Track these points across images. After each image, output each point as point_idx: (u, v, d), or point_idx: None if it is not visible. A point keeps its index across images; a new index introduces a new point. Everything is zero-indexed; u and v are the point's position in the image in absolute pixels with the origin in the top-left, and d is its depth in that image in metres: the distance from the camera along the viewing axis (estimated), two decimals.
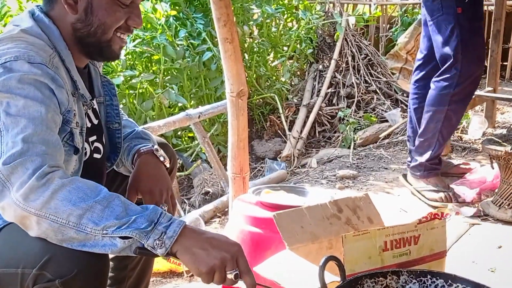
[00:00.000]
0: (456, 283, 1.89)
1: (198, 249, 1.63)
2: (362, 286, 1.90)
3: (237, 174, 3.12)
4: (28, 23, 1.88)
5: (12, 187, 1.60)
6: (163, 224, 1.62)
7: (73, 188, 1.61)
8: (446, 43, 3.61)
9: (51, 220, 1.59)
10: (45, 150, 1.65)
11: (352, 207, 2.60)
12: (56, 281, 1.64)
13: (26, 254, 1.68)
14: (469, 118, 5.09)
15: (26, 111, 1.68)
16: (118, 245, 1.59)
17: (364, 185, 4.09)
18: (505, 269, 2.96)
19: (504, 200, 3.50)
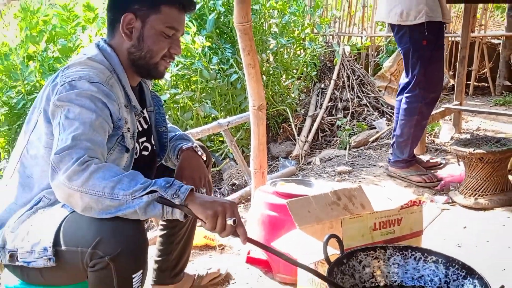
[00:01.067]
0: (430, 256, 1.89)
1: (205, 200, 1.67)
2: (357, 258, 1.90)
3: (257, 170, 3.13)
4: (93, 52, 1.93)
5: (60, 171, 1.65)
6: (177, 185, 1.66)
7: (105, 169, 1.65)
8: (413, 68, 3.64)
9: (90, 194, 1.62)
10: (89, 146, 1.70)
11: (348, 196, 2.61)
12: (105, 258, 1.67)
13: (83, 236, 1.70)
14: (440, 125, 5.07)
15: (80, 117, 1.73)
16: (144, 199, 1.62)
17: (357, 178, 4.08)
18: (469, 245, 2.96)
19: (468, 190, 3.49)
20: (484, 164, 3.41)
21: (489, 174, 3.43)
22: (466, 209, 3.43)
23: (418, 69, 3.61)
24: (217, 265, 2.71)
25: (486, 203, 3.40)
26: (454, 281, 1.82)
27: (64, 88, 1.77)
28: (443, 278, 1.84)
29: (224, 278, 2.66)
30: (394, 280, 1.90)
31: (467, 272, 1.79)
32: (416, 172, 3.87)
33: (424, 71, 3.60)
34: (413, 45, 3.58)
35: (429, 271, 1.87)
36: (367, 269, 1.90)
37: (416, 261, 1.89)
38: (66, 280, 1.90)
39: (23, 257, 1.81)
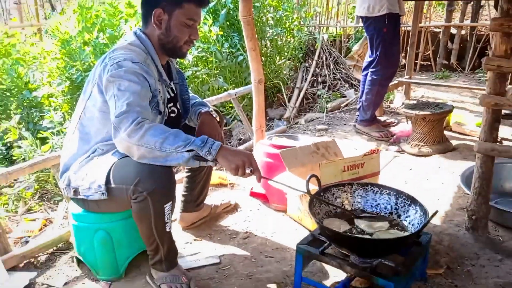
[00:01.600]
0: (385, 189, 1.91)
1: (230, 155, 1.67)
2: (331, 191, 1.93)
3: (258, 128, 3.13)
4: (132, 38, 1.91)
5: (121, 130, 1.66)
6: (209, 143, 1.66)
7: (155, 128, 1.66)
8: (376, 49, 3.61)
9: (145, 146, 1.64)
10: (140, 110, 1.70)
11: (325, 147, 2.62)
12: (144, 193, 1.70)
13: (127, 177, 1.73)
14: (394, 94, 5.03)
15: (130, 89, 1.72)
16: (185, 156, 1.64)
17: (332, 134, 4.08)
18: (413, 181, 2.97)
19: (414, 142, 3.49)
20: (426, 123, 3.40)
21: (429, 130, 3.42)
22: (412, 156, 3.43)
23: (380, 50, 3.59)
24: (228, 198, 2.73)
25: (427, 151, 3.41)
26: (402, 207, 1.85)
27: (114, 67, 1.76)
28: (394, 206, 1.87)
29: (234, 207, 2.69)
30: (358, 207, 1.93)
31: (412, 201, 1.82)
32: (376, 129, 3.87)
33: (384, 52, 3.58)
34: (376, 32, 3.55)
35: (384, 200, 1.90)
36: (338, 200, 1.93)
37: (374, 194, 1.92)
38: (116, 208, 1.94)
39: (83, 192, 1.84)
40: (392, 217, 1.85)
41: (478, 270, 2.01)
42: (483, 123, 2.13)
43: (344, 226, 1.78)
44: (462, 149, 3.49)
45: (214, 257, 2.18)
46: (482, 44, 6.17)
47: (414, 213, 1.77)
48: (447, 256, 2.11)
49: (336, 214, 1.87)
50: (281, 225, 2.48)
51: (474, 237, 2.25)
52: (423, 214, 1.72)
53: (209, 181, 2.45)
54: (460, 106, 4.69)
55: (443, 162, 3.26)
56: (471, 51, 6.24)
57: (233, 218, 2.57)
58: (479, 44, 6.18)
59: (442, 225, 2.39)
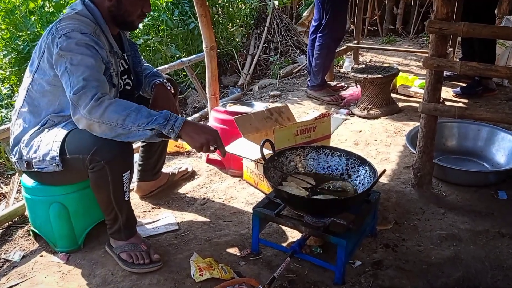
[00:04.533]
0: (336, 152, 1.94)
1: (194, 133, 1.63)
2: (284, 155, 1.94)
3: (212, 95, 3.08)
4: (80, 7, 1.80)
5: (80, 107, 1.58)
6: (172, 120, 1.61)
7: (117, 105, 1.59)
8: (326, 14, 3.62)
9: (106, 123, 1.58)
10: (98, 84, 1.62)
11: (278, 112, 2.63)
12: (102, 162, 1.66)
13: (84, 146, 1.68)
14: (343, 59, 5.07)
15: (83, 62, 1.64)
16: (148, 134, 1.60)
17: (285, 99, 4.09)
18: (363, 143, 3.03)
19: (363, 105, 3.55)
20: (374, 86, 3.45)
21: (377, 93, 3.48)
22: (361, 118, 3.50)
23: (329, 14, 3.60)
24: (185, 165, 2.70)
25: (375, 113, 3.48)
26: (352, 168, 1.89)
27: (62, 40, 1.66)
28: (345, 167, 1.91)
29: (191, 174, 2.67)
30: (311, 169, 1.95)
31: (361, 161, 1.86)
32: (327, 93, 3.90)
33: (333, 16, 3.60)
34: None
35: (335, 162, 1.93)
36: (292, 163, 1.94)
37: (326, 156, 1.95)
38: (71, 179, 1.88)
39: (37, 164, 1.77)
40: (343, 177, 1.89)
41: (424, 224, 2.11)
42: (426, 85, 2.18)
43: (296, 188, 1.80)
44: (407, 110, 3.58)
45: (173, 224, 2.16)
46: (425, 9, 6.29)
47: (363, 173, 1.81)
48: (395, 212, 2.19)
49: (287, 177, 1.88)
50: (238, 190, 2.49)
51: (419, 193, 2.34)
52: (372, 174, 1.76)
53: (165, 150, 2.41)
54: (405, 69, 4.80)
55: (390, 124, 3.34)
56: (415, 16, 6.35)
57: (190, 185, 2.56)
58: (423, 8, 6.30)
59: (390, 183, 2.47)
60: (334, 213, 1.72)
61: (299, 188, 1.79)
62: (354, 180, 1.85)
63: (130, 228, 1.90)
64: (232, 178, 2.63)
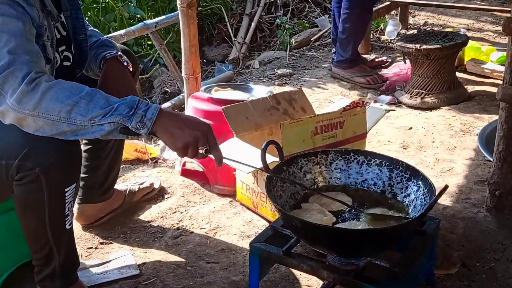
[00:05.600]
0: (374, 159, 1.94)
1: (175, 128, 1.63)
2: (297, 164, 1.94)
3: (190, 75, 3.08)
4: None
5: (7, 94, 1.58)
6: (142, 109, 1.61)
7: (59, 89, 1.58)
8: None
9: (44, 118, 1.57)
10: (29, 59, 1.61)
11: (288, 100, 2.62)
12: (36, 169, 1.65)
13: (9, 147, 1.66)
14: (385, 21, 5.08)
15: (6, 27, 1.63)
16: (106, 129, 1.59)
17: (299, 81, 4.09)
18: (414, 146, 3.04)
19: (414, 89, 3.55)
20: (430, 61, 3.45)
21: (435, 72, 3.48)
22: (412, 109, 3.50)
23: None
24: (150, 179, 2.70)
25: (433, 101, 3.48)
26: (398, 183, 1.88)
27: None
28: (387, 181, 1.90)
29: (158, 193, 2.66)
30: (336, 184, 1.95)
31: (411, 173, 1.85)
32: (360, 72, 3.91)
33: None
34: None
35: (373, 174, 1.92)
36: (309, 175, 1.94)
37: (359, 165, 1.94)
38: None
39: None
40: (385, 196, 1.88)
41: (505, 267, 2.09)
42: (508, 59, 2.17)
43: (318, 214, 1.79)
44: (481, 97, 3.58)
45: (131, 267, 2.16)
46: None
47: (415, 191, 1.81)
48: (461, 249, 2.18)
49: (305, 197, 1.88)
50: (228, 215, 2.49)
51: (498, 221, 2.33)
52: (427, 192, 1.75)
53: (120, 156, 2.41)
54: (477, 36, 4.80)
55: (455, 117, 3.34)
56: None
57: (158, 209, 2.55)
58: None
59: (455, 206, 2.46)
60: (371, 251, 1.71)
61: (323, 213, 1.79)
62: (401, 200, 1.84)
63: (69, 273, 1.89)
64: (219, 198, 2.63)
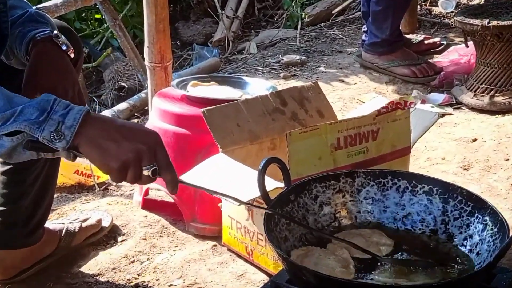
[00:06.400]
0: (421, 184, 1.92)
1: (106, 140, 1.59)
2: (311, 192, 1.92)
3: (157, 64, 3.09)
4: None
5: None
6: (59, 112, 1.58)
7: None
8: None
9: None
10: None
11: (298, 99, 2.61)
12: None
13: None
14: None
15: None
16: (5, 144, 1.56)
17: (314, 73, 4.10)
18: (479, 166, 3.03)
19: (480, 85, 3.55)
20: (504, 44, 3.46)
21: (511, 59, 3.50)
22: (477, 112, 3.50)
23: None
24: (97, 214, 2.70)
25: (507, 102, 3.49)
26: (456, 219, 1.87)
27: None
28: (440, 216, 1.89)
29: (109, 234, 2.67)
30: (367, 221, 1.94)
31: (475, 205, 1.84)
32: (403, 60, 3.91)
33: None
34: None
35: (420, 206, 1.91)
36: (327, 208, 1.92)
37: (400, 193, 1.93)
38: None
39: None
40: (437, 238, 1.88)
41: None
42: None
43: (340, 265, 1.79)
44: None
45: None
46: None
47: (480, 230, 1.80)
48: None
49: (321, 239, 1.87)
50: (211, 267, 2.49)
51: None
52: (498, 232, 1.74)
53: (54, 180, 2.43)
54: None
55: None
56: None
57: (108, 257, 2.55)
58: None
59: None
60: None
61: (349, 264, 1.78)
62: (460, 244, 1.84)
63: None
64: (197, 241, 2.63)
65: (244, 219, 2.43)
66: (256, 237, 2.41)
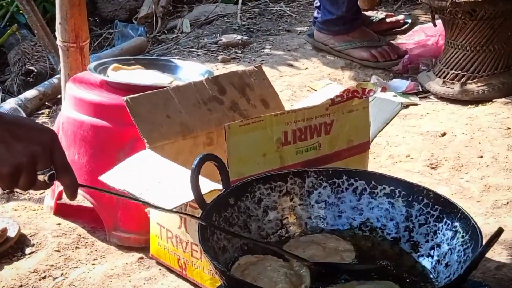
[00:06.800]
0: (382, 185, 1.94)
1: None
2: (253, 195, 1.93)
3: (71, 44, 3.07)
4: None
5: None
6: None
7: None
8: None
9: None
10: None
11: (239, 86, 2.62)
12: None
13: None
14: None
15: None
16: None
17: (257, 55, 4.11)
18: (449, 164, 3.07)
19: (450, 70, 3.58)
20: (477, 23, 3.50)
21: (485, 40, 3.54)
22: (447, 102, 3.56)
23: None
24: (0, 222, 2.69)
25: (480, 90, 3.54)
26: (422, 225, 1.89)
27: None
28: (403, 222, 1.91)
29: (15, 245, 2.66)
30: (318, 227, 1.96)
31: (444, 209, 1.86)
32: (361, 41, 3.93)
33: None
34: None
35: (380, 211, 1.94)
36: (272, 214, 1.93)
37: (357, 196, 1.96)
38: None
39: None
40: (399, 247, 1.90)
41: None
42: None
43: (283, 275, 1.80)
44: None
45: None
46: None
47: (449, 238, 1.82)
48: None
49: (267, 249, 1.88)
50: (136, 282, 2.50)
51: None
52: (469, 240, 1.77)
53: None
54: None
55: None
56: None
57: (14, 272, 2.54)
58: None
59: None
60: None
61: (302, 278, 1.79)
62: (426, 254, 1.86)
63: None
64: (121, 253, 2.64)
65: (176, 227, 2.44)
66: (190, 248, 2.41)
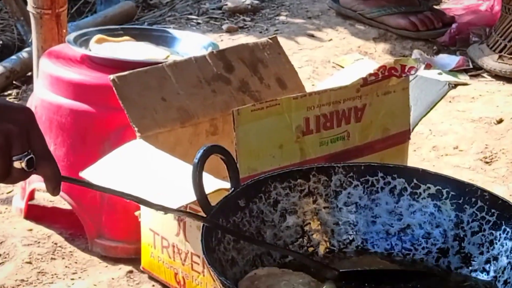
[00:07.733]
0: (425, 184, 1.93)
1: None
2: (268, 196, 1.92)
3: (45, 10, 3.07)
4: None
5: None
6: None
7: None
8: None
9: None
10: None
11: (250, 62, 2.62)
12: None
13: None
14: None
15: None
16: None
17: (271, 24, 4.11)
18: (507, 159, 3.07)
19: (508, 42, 3.58)
20: None
21: None
22: (503, 82, 3.56)
23: None
24: None
25: None
26: (475, 234, 1.88)
27: None
28: (452, 230, 1.91)
29: None
30: (348, 240, 1.95)
31: (502, 214, 1.86)
32: (398, 6, 3.93)
33: None
34: None
35: (423, 216, 1.93)
36: (291, 219, 1.93)
37: (395, 197, 1.95)
38: None
39: None
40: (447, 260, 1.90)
41: None
42: None
43: None
44: None
45: None
46: None
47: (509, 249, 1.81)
48: None
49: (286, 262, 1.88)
50: None
51: None
52: None
53: None
54: None
55: None
56: None
57: None
58: None
59: None
60: None
61: None
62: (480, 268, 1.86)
63: None
64: (106, 265, 2.65)
65: (173, 235, 2.44)
66: (190, 259, 2.41)
